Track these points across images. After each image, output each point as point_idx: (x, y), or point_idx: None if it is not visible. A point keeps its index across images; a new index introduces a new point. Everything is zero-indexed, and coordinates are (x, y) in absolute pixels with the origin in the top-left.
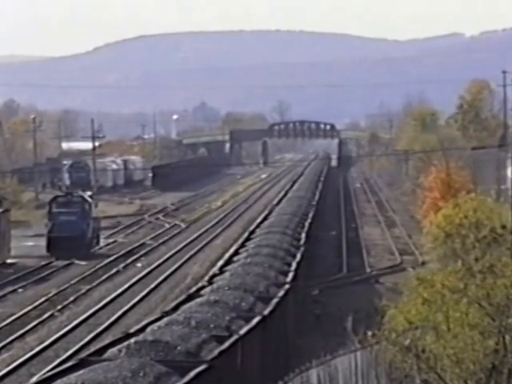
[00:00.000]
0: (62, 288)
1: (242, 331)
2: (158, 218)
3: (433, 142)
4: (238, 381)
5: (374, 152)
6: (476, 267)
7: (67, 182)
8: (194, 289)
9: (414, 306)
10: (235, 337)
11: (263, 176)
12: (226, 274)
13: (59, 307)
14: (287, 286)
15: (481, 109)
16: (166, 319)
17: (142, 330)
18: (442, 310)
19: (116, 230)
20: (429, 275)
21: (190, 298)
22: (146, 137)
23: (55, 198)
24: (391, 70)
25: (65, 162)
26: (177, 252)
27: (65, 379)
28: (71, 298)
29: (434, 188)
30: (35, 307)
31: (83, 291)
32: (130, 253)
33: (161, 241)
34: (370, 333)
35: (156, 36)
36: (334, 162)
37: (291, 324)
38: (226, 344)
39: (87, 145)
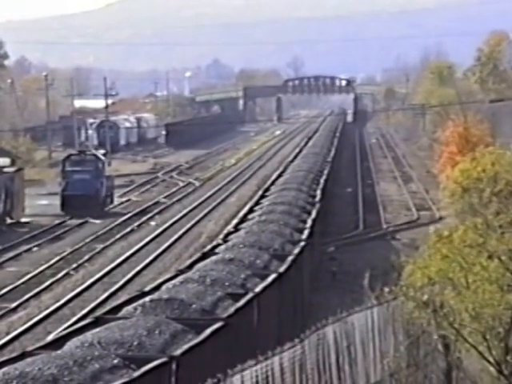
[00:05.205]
0: (76, 247)
1: (258, 289)
2: (171, 177)
3: (450, 96)
4: (254, 338)
5: (391, 107)
6: (496, 222)
7: (95, 142)
8: (208, 247)
9: (432, 262)
10: (251, 294)
11: (278, 133)
12: (241, 232)
13: (74, 266)
14: (303, 244)
15: (499, 61)
16: (181, 277)
17: (157, 288)
18: (462, 265)
19: (130, 188)
20: (448, 231)
21: (204, 256)
22: (158, 94)
23: (69, 156)
24: (408, 23)
25: (91, 121)
26: (191, 210)
27: (81, 337)
28: (86, 257)
29: (451, 142)
30: (50, 266)
31: (98, 250)
32: (144, 211)
33: (175, 199)
34: (386, 289)
35: None
36: (349, 118)
37: (307, 281)
38: (242, 302)
39: (100, 103)
